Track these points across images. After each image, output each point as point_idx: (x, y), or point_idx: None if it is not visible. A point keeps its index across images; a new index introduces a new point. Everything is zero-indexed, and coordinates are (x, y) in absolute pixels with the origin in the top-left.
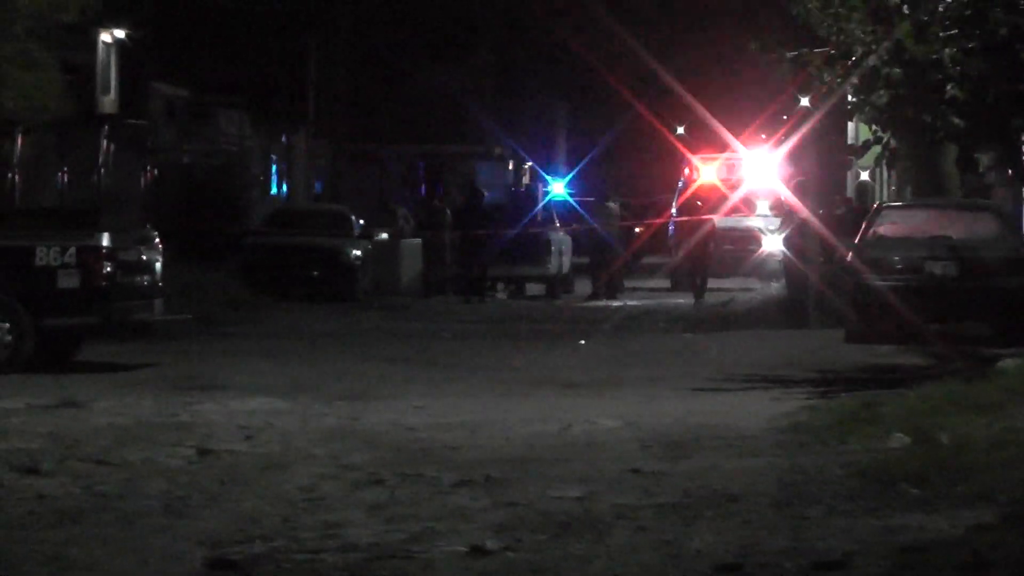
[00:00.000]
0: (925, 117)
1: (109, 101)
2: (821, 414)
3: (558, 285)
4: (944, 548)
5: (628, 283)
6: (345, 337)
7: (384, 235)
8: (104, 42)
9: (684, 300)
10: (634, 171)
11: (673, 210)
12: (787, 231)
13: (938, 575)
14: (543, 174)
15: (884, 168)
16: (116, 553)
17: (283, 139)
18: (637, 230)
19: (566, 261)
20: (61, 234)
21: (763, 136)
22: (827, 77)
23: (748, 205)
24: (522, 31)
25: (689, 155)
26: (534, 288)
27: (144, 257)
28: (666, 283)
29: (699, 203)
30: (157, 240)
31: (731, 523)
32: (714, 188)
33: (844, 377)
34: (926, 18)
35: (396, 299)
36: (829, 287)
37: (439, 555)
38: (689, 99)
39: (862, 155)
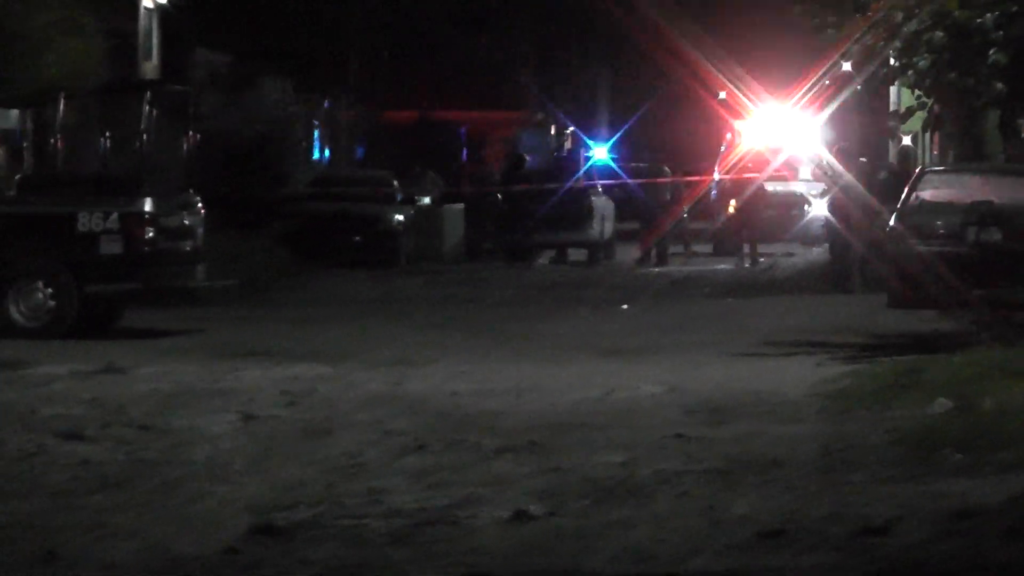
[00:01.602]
0: (967, 82)
1: (151, 67)
2: (864, 380)
3: (601, 251)
4: (989, 514)
5: (672, 248)
6: (387, 303)
7: (427, 200)
8: (146, 8)
9: (727, 265)
10: (676, 136)
11: (716, 175)
12: (830, 196)
13: (983, 541)
14: (585, 139)
15: (927, 133)
16: (159, 520)
17: (325, 105)
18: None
19: (608, 227)
20: (104, 200)
21: (806, 101)
22: (870, 41)
23: (790, 170)
24: None
25: (731, 120)
26: (576, 254)
27: (186, 223)
28: (708, 248)
29: (745, 167)
30: (199, 206)
31: (774, 489)
32: (756, 153)
33: (887, 343)
34: None
35: (439, 265)
36: (872, 252)
37: (483, 521)
38: (732, 64)
39: (905, 121)
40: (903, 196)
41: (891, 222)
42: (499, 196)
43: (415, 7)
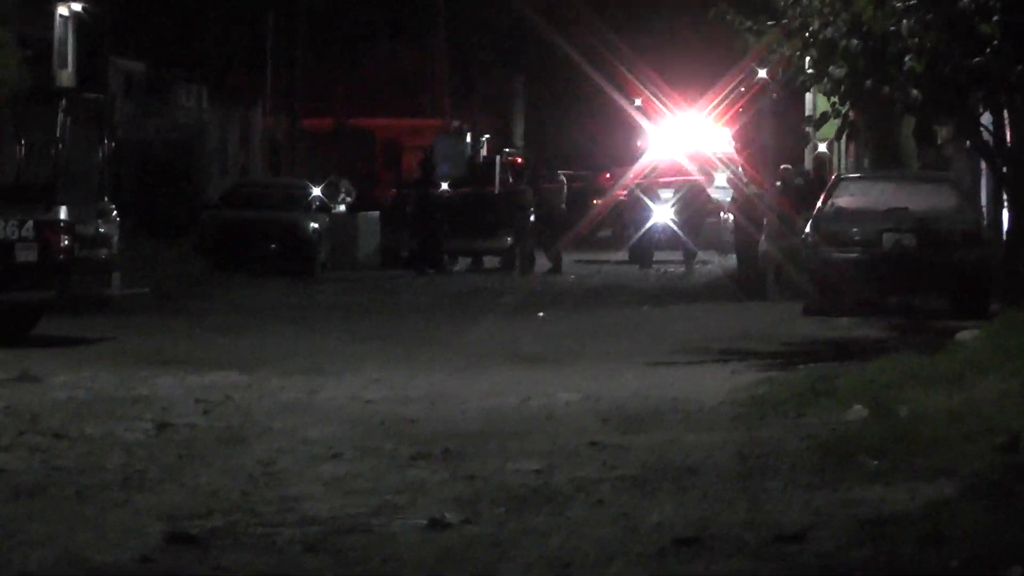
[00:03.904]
0: (883, 89)
1: (67, 75)
2: (779, 387)
3: (515, 258)
4: (904, 521)
5: (586, 256)
6: (303, 311)
7: (342, 208)
8: (62, 16)
9: (641, 272)
10: (591, 143)
11: (629, 182)
12: (737, 202)
13: (898, 548)
14: (500, 146)
15: (842, 140)
16: (74, 528)
17: (241, 113)
18: (595, 202)
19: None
20: (19, 208)
21: (721, 107)
22: (785, 49)
23: (705, 176)
24: (478, 2)
25: (646, 127)
26: (491, 261)
27: (102, 231)
28: (623, 255)
29: (660, 173)
30: (115, 214)
31: (690, 496)
32: (671, 160)
33: (802, 350)
34: None
35: (354, 272)
36: (787, 259)
37: (398, 528)
38: (647, 71)
39: (820, 127)
40: (819, 203)
41: (806, 229)
42: (411, 204)
43: (331, 16)
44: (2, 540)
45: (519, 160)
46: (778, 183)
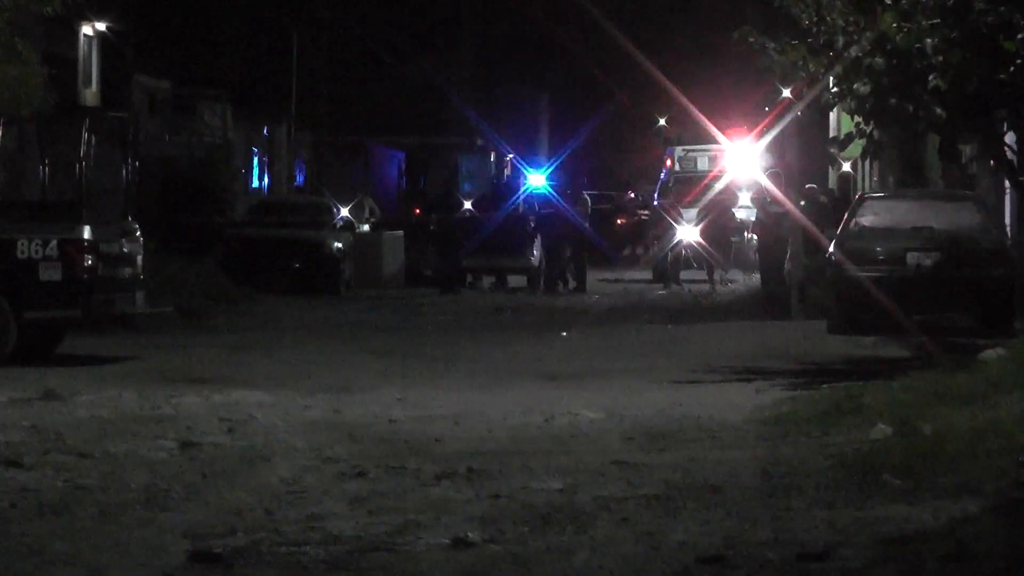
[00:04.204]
0: (907, 107)
1: (91, 94)
2: (804, 405)
3: (540, 276)
4: (927, 539)
5: (611, 275)
6: (327, 329)
7: (366, 227)
8: (86, 35)
9: (666, 291)
10: (615, 162)
11: (655, 201)
12: (758, 222)
13: (922, 566)
14: (523, 165)
15: (867, 160)
16: (98, 546)
17: (265, 131)
18: (619, 221)
19: (538, 254)
20: (43, 227)
21: (746, 128)
22: (810, 68)
23: (730, 196)
24: (503, 22)
25: (671, 146)
26: (516, 280)
27: (126, 249)
28: (648, 274)
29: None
30: (138, 232)
31: (714, 514)
32: (696, 179)
33: (827, 368)
34: (909, 7)
35: (378, 291)
36: (811, 278)
37: (422, 547)
38: (672, 90)
39: (845, 147)
40: (843, 222)
41: (831, 248)
42: (434, 222)
43: (356, 33)
44: (27, 558)
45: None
46: (802, 202)
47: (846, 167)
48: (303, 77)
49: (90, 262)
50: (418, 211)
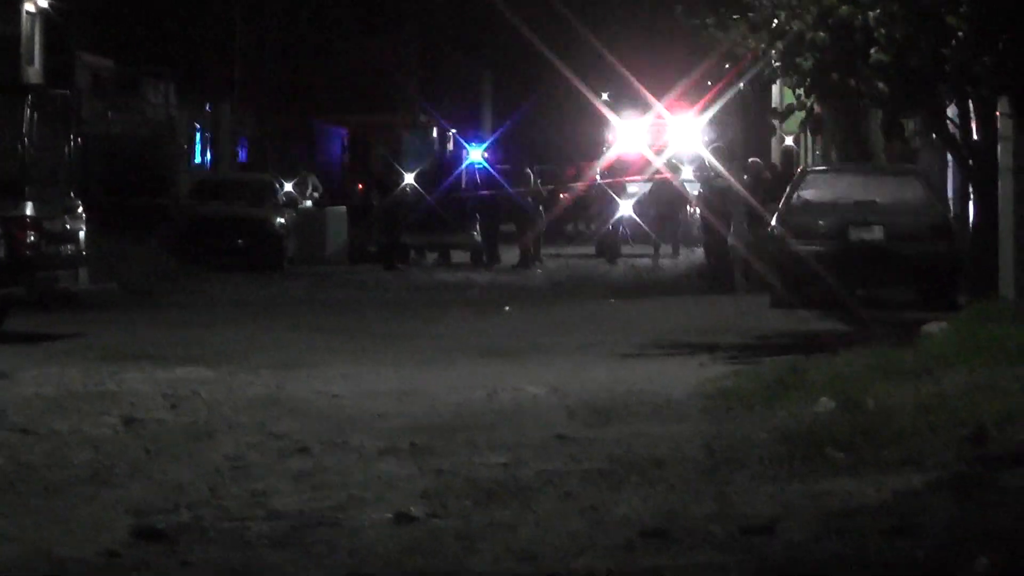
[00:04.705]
0: (850, 82)
1: (34, 72)
2: (747, 380)
3: (483, 253)
4: (871, 513)
5: (553, 250)
6: (271, 306)
7: (309, 203)
8: (28, 12)
9: (609, 266)
10: (559, 137)
11: (596, 176)
12: (704, 196)
13: (865, 540)
14: (464, 141)
15: (809, 133)
16: (42, 523)
17: (208, 109)
18: (561, 196)
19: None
20: None
21: (688, 101)
22: (752, 43)
23: (672, 170)
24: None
25: (613, 121)
26: (459, 256)
27: (68, 227)
28: (590, 249)
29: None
30: (81, 210)
31: (657, 489)
32: (638, 153)
33: (770, 343)
34: None
35: (321, 267)
36: (754, 253)
37: (365, 522)
38: (615, 64)
39: (785, 119)
40: (785, 196)
41: (773, 222)
42: (377, 199)
43: (300, 12)
44: None
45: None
46: (745, 176)
47: (789, 141)
48: (247, 55)
49: (33, 239)
50: (361, 188)
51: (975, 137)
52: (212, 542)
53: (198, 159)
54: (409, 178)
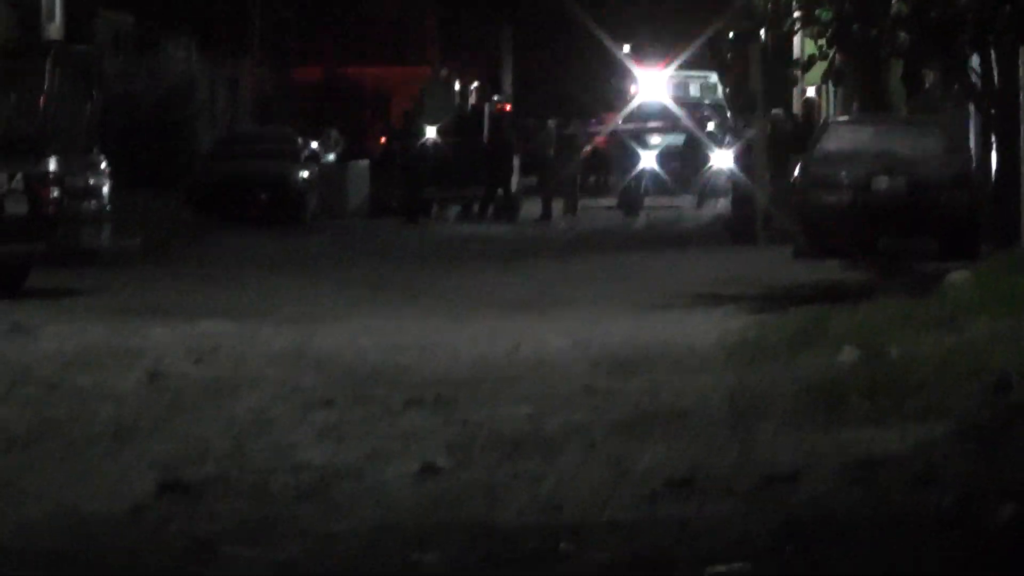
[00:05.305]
0: (870, 33)
1: (55, 28)
2: (770, 330)
3: (505, 206)
4: (895, 462)
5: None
6: (293, 261)
7: (331, 158)
8: None
9: (632, 219)
10: (580, 89)
11: (618, 128)
12: (736, 148)
13: (889, 489)
14: (484, 94)
15: (830, 85)
16: (67, 479)
17: (229, 66)
18: (586, 148)
19: (514, 181)
20: (8, 161)
21: (710, 54)
22: None
23: (695, 122)
24: None
25: (636, 73)
26: (488, 209)
27: (91, 183)
28: (612, 201)
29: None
30: (104, 166)
31: (681, 439)
32: (658, 106)
33: (793, 293)
34: None
35: (344, 222)
36: (776, 204)
37: (390, 475)
38: (638, 17)
39: (807, 70)
40: (808, 147)
41: (796, 173)
42: (398, 153)
43: None
44: None
45: (507, 108)
46: (768, 127)
47: (810, 92)
48: (267, 10)
49: (56, 196)
50: (383, 141)
51: (996, 87)
52: (237, 495)
53: (220, 117)
54: (431, 132)
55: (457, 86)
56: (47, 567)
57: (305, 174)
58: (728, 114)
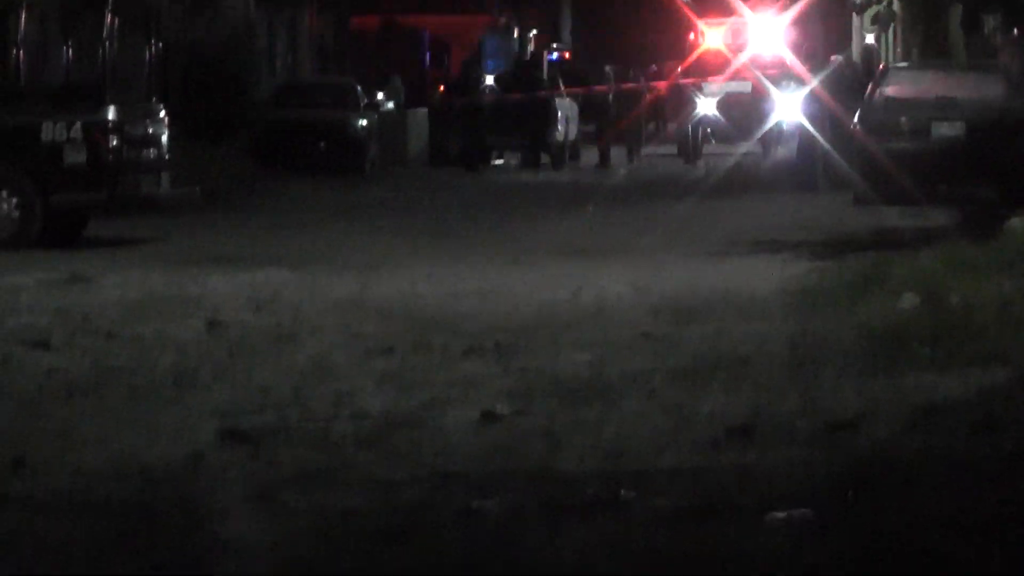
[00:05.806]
0: None
1: None
2: (831, 277)
3: (565, 153)
4: (957, 408)
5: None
6: (352, 209)
7: (390, 105)
8: None
9: (690, 165)
10: (640, 37)
11: (678, 75)
12: (805, 97)
13: (950, 435)
14: (544, 42)
15: (890, 31)
16: (126, 427)
17: (287, 14)
18: (647, 96)
19: (573, 129)
20: (67, 110)
21: (769, 1)
22: None
23: (757, 71)
24: None
25: (695, 20)
26: (541, 156)
27: (150, 131)
28: (672, 149)
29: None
30: (163, 114)
31: (742, 386)
32: (719, 53)
33: (853, 240)
34: None
35: (403, 170)
36: (837, 150)
37: (450, 422)
38: None
39: (863, 11)
40: (867, 94)
41: (855, 120)
42: (457, 101)
43: None
44: (56, 439)
45: (567, 55)
46: (827, 73)
47: (869, 39)
48: None
49: (114, 144)
50: (442, 89)
51: None
52: (297, 443)
53: (279, 65)
54: (490, 79)
55: (516, 34)
56: (107, 515)
57: (364, 122)
58: (790, 62)
